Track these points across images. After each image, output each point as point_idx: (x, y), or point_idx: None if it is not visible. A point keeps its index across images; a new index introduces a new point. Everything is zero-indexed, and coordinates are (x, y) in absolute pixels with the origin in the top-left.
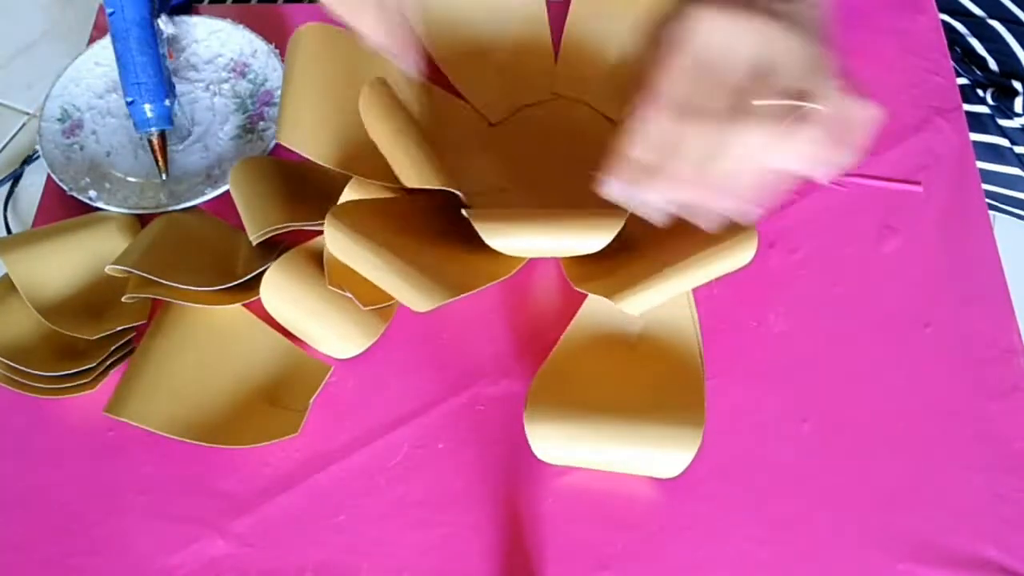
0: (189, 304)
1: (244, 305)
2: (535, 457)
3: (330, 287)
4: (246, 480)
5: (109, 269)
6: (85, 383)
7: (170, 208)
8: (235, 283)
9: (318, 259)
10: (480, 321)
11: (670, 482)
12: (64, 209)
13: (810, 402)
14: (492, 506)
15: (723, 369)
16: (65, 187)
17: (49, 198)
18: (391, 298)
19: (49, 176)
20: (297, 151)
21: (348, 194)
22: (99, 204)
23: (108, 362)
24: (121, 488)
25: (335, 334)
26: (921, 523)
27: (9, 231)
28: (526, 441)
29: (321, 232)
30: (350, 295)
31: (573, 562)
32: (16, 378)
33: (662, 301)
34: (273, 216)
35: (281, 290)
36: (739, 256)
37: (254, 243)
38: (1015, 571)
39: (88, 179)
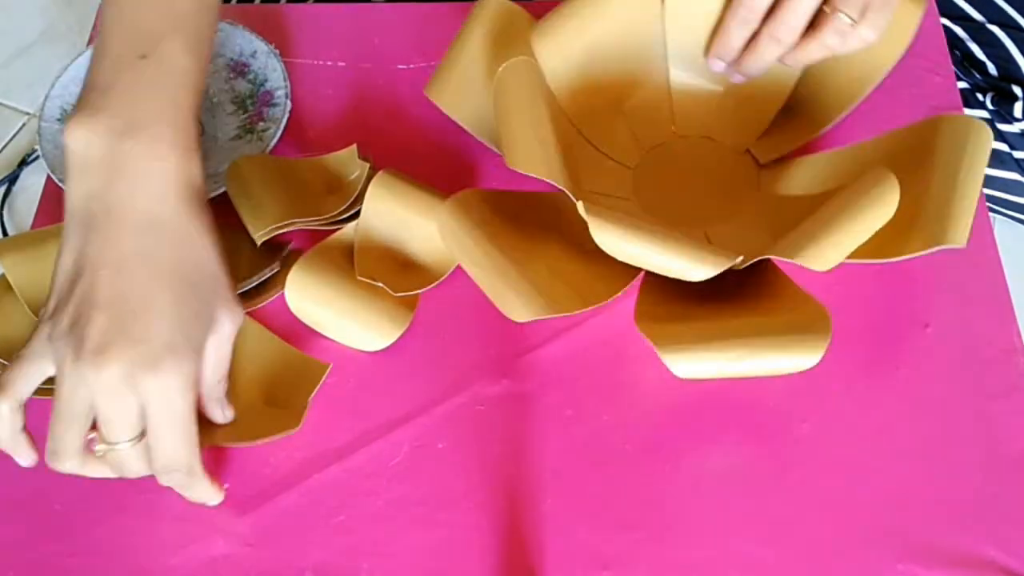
0: None
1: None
2: (535, 457)
3: (360, 277)
4: (246, 480)
5: None
6: None
7: None
8: (241, 291)
9: (340, 255)
10: (481, 321)
11: (670, 482)
12: (64, 209)
13: (810, 402)
14: (492, 506)
15: None
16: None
17: (49, 198)
18: (421, 286)
19: (49, 176)
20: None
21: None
22: None
23: None
24: (121, 488)
25: (364, 327)
26: (921, 523)
27: (5, 232)
28: (526, 441)
29: (330, 231)
30: (381, 284)
31: (573, 562)
32: None
33: (710, 374)
34: (275, 214)
35: (306, 288)
36: (807, 355)
37: (259, 242)
38: (1015, 571)
39: None
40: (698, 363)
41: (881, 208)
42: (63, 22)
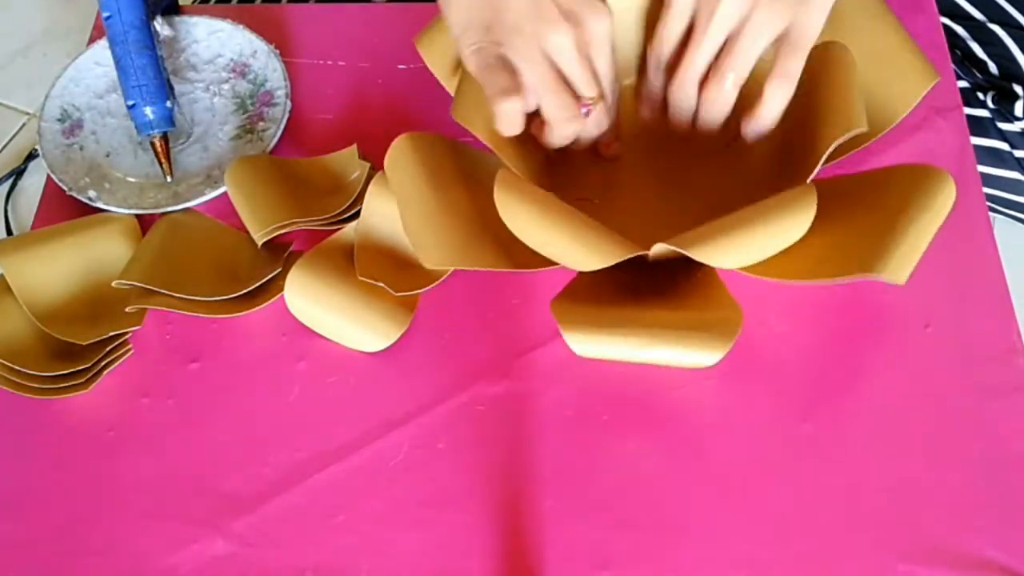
0: (194, 314)
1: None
2: (535, 457)
3: (361, 277)
4: (246, 480)
5: (116, 284)
6: (79, 383)
7: (169, 209)
8: (243, 292)
9: (339, 256)
10: (480, 321)
11: (670, 482)
12: (64, 209)
13: (810, 402)
14: (492, 506)
15: (723, 369)
16: (65, 187)
17: (49, 198)
18: (421, 286)
19: (49, 176)
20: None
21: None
22: (99, 204)
23: (103, 363)
24: (121, 488)
25: (365, 328)
26: (921, 523)
27: (9, 229)
28: (526, 441)
29: (331, 231)
30: (382, 284)
31: (573, 562)
32: (11, 378)
33: (607, 356)
34: (276, 215)
35: (306, 290)
36: (707, 353)
37: (259, 243)
38: (1015, 571)
39: (88, 179)
40: (596, 345)
41: (794, 221)
42: (64, 22)
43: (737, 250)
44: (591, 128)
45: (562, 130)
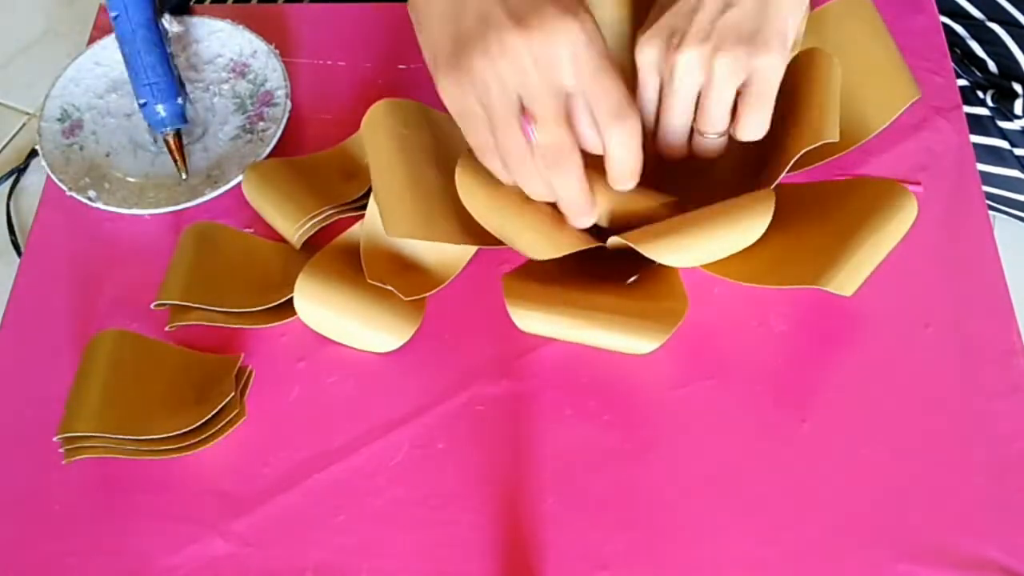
0: (237, 326)
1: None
2: (535, 457)
3: (370, 281)
4: (246, 480)
5: (155, 306)
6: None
7: (170, 209)
8: (281, 301)
9: (346, 258)
10: (480, 321)
11: (670, 482)
12: (64, 209)
13: (810, 402)
14: (492, 506)
15: (723, 369)
16: (64, 187)
17: (49, 198)
18: (429, 288)
19: (49, 176)
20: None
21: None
22: (98, 204)
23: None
24: (121, 488)
25: (375, 329)
26: (921, 523)
27: (11, 226)
28: (526, 441)
29: (357, 217)
30: (391, 288)
31: (573, 562)
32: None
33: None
34: (304, 210)
35: (315, 294)
36: (644, 342)
37: (297, 245)
38: (1016, 571)
39: (87, 179)
40: (538, 321)
41: (748, 227)
42: (64, 22)
43: (688, 250)
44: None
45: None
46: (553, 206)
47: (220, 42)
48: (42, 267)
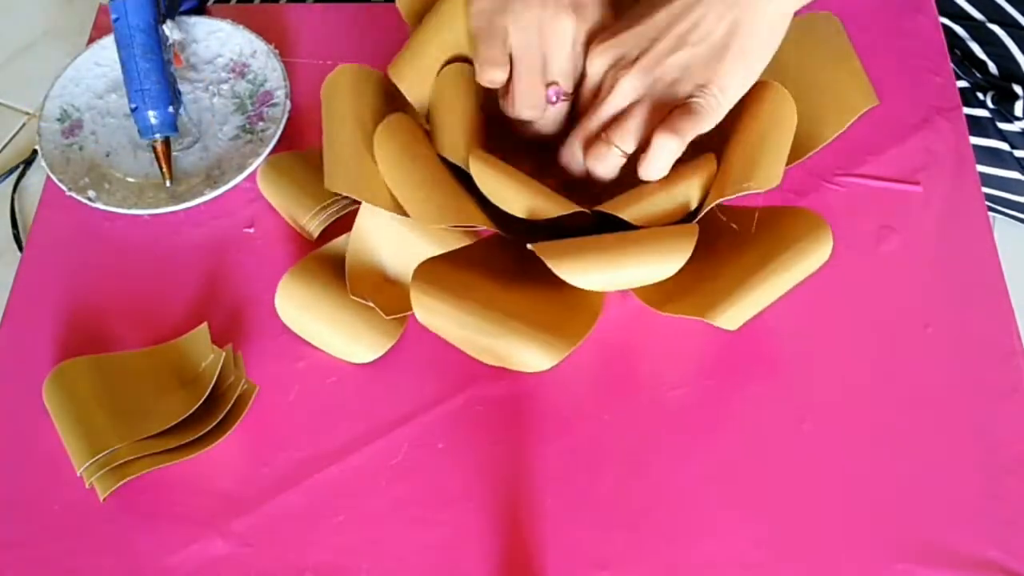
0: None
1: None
2: (535, 457)
3: (352, 297)
4: (246, 480)
5: (81, 473)
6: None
7: (170, 209)
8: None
9: (331, 266)
10: None
11: (670, 482)
12: (64, 209)
13: (810, 402)
14: (492, 506)
15: (723, 369)
16: (64, 187)
17: (49, 198)
18: (411, 306)
19: (49, 176)
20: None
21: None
22: (98, 205)
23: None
24: (121, 488)
25: (353, 340)
26: (921, 523)
27: (15, 224)
28: (526, 441)
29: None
30: (372, 304)
31: (573, 562)
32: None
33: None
34: (324, 201)
35: (296, 298)
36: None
37: (315, 232)
38: (1015, 571)
39: (87, 179)
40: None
41: (665, 259)
42: (64, 22)
43: (598, 274)
44: (548, 124)
45: (521, 111)
46: (466, 183)
47: (220, 42)
48: (42, 267)
